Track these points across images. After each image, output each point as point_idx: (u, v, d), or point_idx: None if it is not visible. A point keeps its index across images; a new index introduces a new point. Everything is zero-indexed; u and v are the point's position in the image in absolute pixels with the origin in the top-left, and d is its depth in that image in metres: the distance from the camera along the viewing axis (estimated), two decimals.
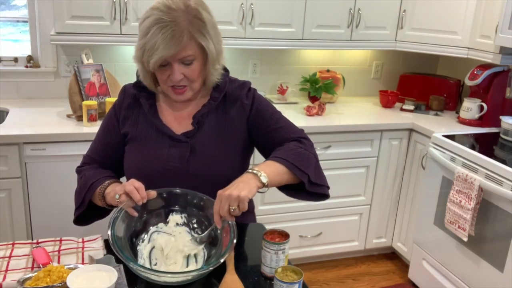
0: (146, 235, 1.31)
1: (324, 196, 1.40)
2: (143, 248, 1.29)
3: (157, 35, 1.25)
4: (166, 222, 1.35)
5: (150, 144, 1.42)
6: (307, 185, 1.34)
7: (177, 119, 1.45)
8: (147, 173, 1.39)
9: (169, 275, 1.17)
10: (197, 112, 1.42)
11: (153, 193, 1.29)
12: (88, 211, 1.43)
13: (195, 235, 1.33)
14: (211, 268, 1.15)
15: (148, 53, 1.28)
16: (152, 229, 1.33)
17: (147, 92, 1.44)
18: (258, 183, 1.23)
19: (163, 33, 1.25)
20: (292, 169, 1.31)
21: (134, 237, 1.30)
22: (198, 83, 1.38)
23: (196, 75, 1.35)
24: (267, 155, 1.47)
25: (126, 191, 1.25)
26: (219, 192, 1.21)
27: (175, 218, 1.35)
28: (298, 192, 1.38)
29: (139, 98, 1.45)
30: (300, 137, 1.44)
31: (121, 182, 1.40)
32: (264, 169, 1.27)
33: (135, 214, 1.28)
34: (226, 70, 1.47)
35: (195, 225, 1.35)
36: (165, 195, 1.35)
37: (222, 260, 1.17)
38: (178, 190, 1.35)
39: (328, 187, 1.41)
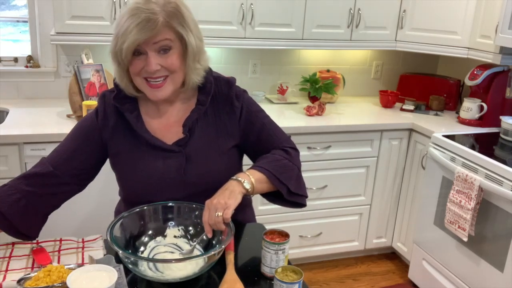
0: (145, 249, 1.31)
1: (301, 205, 1.44)
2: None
3: (131, 20, 1.20)
4: (164, 236, 1.34)
5: (143, 158, 1.36)
6: (286, 195, 1.38)
7: (166, 128, 1.38)
8: (144, 188, 1.37)
9: (173, 262, 1.19)
10: (187, 119, 1.36)
11: None
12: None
13: (189, 246, 1.32)
14: (212, 253, 1.16)
15: (121, 39, 1.21)
16: (151, 244, 1.32)
17: (129, 103, 1.36)
18: (242, 189, 1.27)
19: (137, 17, 1.19)
20: (272, 179, 1.34)
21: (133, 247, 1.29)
22: (179, 75, 1.30)
23: (175, 65, 1.27)
24: (253, 157, 1.48)
25: None
26: (207, 201, 1.24)
27: (173, 231, 1.35)
28: (277, 198, 1.41)
29: (123, 113, 1.35)
30: (287, 147, 1.44)
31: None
32: (247, 177, 1.30)
33: None
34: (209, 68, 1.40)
35: (191, 232, 1.35)
36: (160, 213, 1.35)
37: (224, 246, 1.18)
38: (171, 204, 1.35)
39: (306, 197, 1.45)
